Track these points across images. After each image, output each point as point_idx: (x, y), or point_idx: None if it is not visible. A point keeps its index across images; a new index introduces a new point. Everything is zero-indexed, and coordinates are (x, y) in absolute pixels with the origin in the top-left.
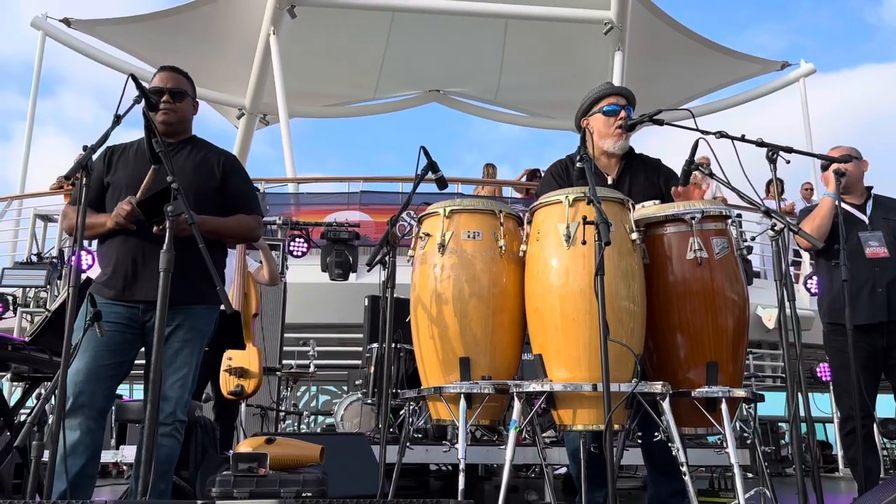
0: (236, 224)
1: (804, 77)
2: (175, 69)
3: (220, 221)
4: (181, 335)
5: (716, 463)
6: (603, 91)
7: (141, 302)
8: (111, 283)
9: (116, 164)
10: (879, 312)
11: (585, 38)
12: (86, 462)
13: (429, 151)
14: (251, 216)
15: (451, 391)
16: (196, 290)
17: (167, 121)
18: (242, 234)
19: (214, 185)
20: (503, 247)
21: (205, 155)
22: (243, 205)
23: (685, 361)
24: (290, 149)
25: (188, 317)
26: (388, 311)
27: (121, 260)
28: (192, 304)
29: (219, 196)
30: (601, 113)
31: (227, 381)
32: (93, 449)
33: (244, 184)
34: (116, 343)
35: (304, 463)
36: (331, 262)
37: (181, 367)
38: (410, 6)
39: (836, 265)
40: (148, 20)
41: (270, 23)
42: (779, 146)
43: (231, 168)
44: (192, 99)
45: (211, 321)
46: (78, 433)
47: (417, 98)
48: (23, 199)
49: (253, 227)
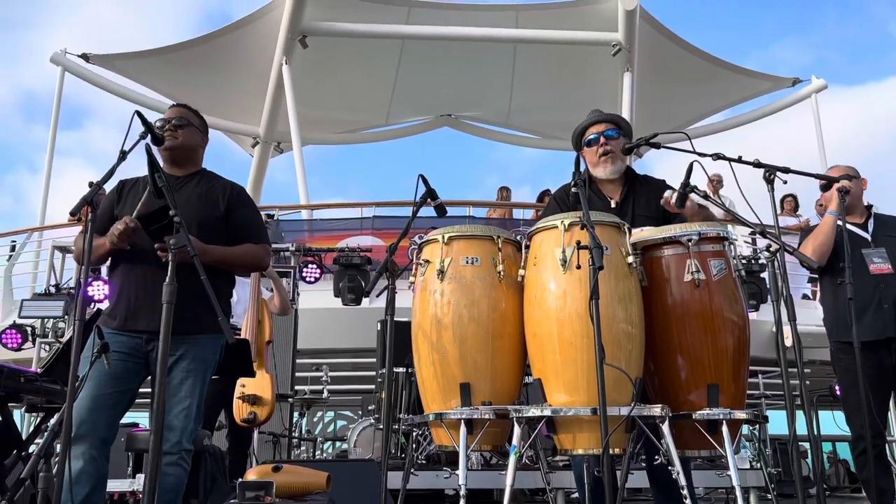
0: (243, 253)
1: (816, 93)
2: (184, 106)
3: (225, 250)
4: (185, 365)
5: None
6: (584, 123)
7: (144, 332)
8: (115, 313)
9: (126, 196)
10: (886, 328)
11: (594, 59)
12: (90, 491)
13: (427, 179)
14: (258, 245)
15: (451, 417)
16: (200, 321)
17: (169, 146)
18: (249, 263)
19: (218, 216)
20: (502, 272)
21: (211, 186)
22: (250, 235)
23: (686, 383)
24: (303, 175)
25: (192, 346)
26: (389, 336)
27: (125, 290)
28: (196, 335)
29: (224, 226)
30: (586, 146)
31: (240, 409)
32: (97, 478)
33: (251, 214)
34: (119, 372)
35: (311, 490)
36: (343, 287)
37: (186, 396)
38: (420, 34)
39: (842, 283)
40: (164, 53)
41: (283, 53)
42: (775, 167)
43: (237, 199)
44: (201, 132)
45: (216, 351)
46: (81, 462)
47: (429, 123)
48: (42, 231)
49: (260, 256)
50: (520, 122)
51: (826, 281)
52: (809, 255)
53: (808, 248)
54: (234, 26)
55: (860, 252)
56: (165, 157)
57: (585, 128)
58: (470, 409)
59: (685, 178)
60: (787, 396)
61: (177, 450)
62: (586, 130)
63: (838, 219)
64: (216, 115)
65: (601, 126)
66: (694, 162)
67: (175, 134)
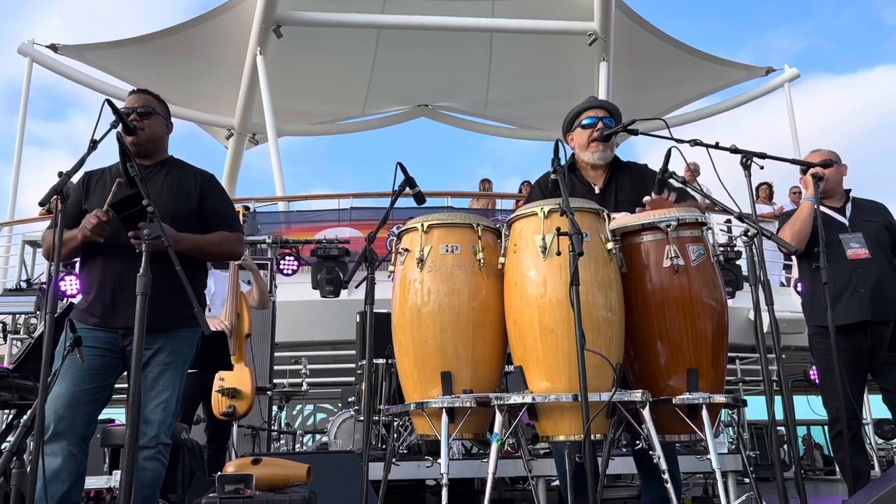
0: (218, 241)
1: (788, 82)
2: (145, 91)
3: (198, 238)
4: (162, 359)
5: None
6: (583, 105)
7: (121, 328)
8: (91, 310)
9: (94, 189)
10: (862, 312)
11: (571, 49)
12: (69, 488)
13: (405, 167)
14: (233, 233)
15: (433, 406)
16: (176, 314)
17: (143, 136)
18: (223, 250)
19: (192, 208)
20: (482, 260)
21: (182, 177)
22: (223, 223)
23: (666, 369)
24: (278, 167)
25: (169, 340)
26: (369, 327)
27: (100, 285)
28: (174, 328)
29: (197, 217)
30: (580, 126)
31: (219, 402)
32: (76, 475)
33: (223, 202)
34: (97, 368)
35: (291, 483)
36: (321, 280)
37: (163, 390)
38: (395, 23)
39: (818, 268)
40: (135, 44)
41: (257, 43)
42: (752, 152)
43: (209, 188)
44: (165, 119)
45: (193, 344)
46: (60, 459)
47: (406, 113)
48: (12, 226)
49: (234, 243)
50: (497, 112)
51: (804, 266)
52: (790, 238)
53: (785, 233)
54: (208, 16)
55: (838, 236)
56: (133, 149)
57: (583, 110)
58: (451, 398)
59: (664, 164)
60: (766, 381)
61: (154, 444)
62: (583, 113)
63: (815, 204)
64: (189, 107)
65: (600, 111)
66: (672, 148)
67: (141, 124)
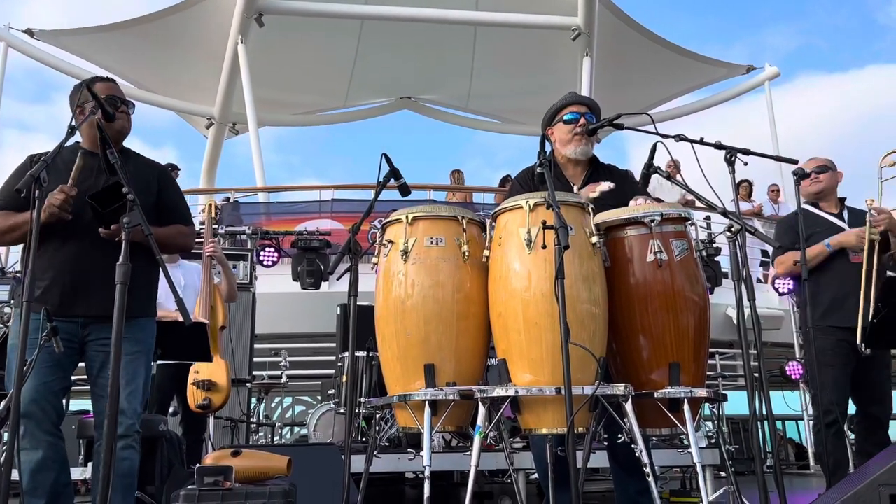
0: (175, 233)
1: (769, 80)
2: (114, 80)
3: (159, 231)
4: (127, 347)
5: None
6: (564, 101)
7: (80, 317)
8: (48, 298)
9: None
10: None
11: (554, 44)
12: (57, 474)
13: (391, 158)
14: (187, 227)
15: (416, 398)
16: (138, 302)
17: (127, 130)
18: (178, 243)
19: (152, 201)
20: (466, 253)
21: (140, 169)
22: (178, 216)
23: (648, 363)
24: (259, 158)
25: (131, 328)
26: (352, 319)
27: (58, 271)
28: (135, 318)
29: (155, 210)
30: (562, 122)
31: (194, 395)
32: (59, 461)
33: (177, 195)
34: (56, 358)
35: (271, 475)
36: (302, 271)
37: (132, 379)
38: (379, 14)
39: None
40: (113, 30)
41: (238, 31)
42: (736, 148)
43: (165, 181)
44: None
45: (153, 333)
46: (41, 451)
47: (389, 105)
48: None
49: (188, 237)
50: (480, 106)
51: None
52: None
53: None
54: (189, 3)
55: None
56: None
57: (564, 105)
58: (434, 391)
59: (649, 158)
60: (748, 376)
61: (130, 432)
62: (564, 108)
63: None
64: (169, 95)
65: (582, 107)
66: (657, 143)
67: (129, 116)
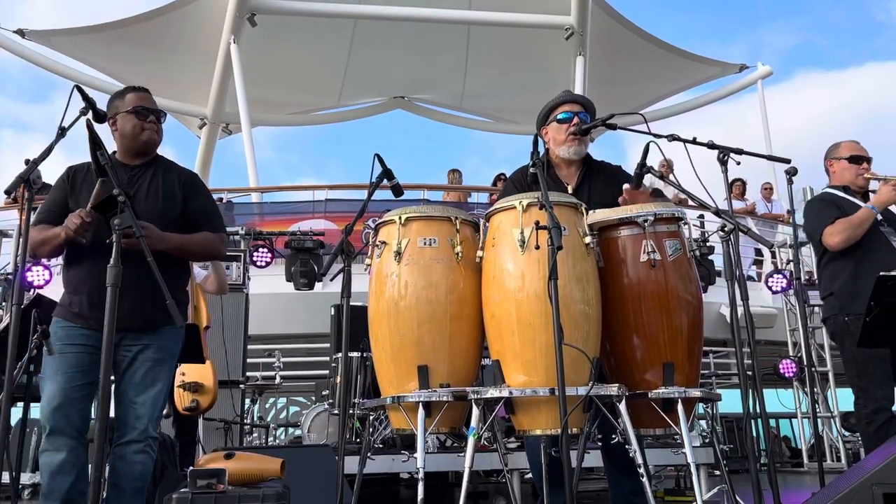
0: (203, 241)
1: (761, 79)
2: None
3: (183, 238)
4: (150, 354)
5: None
6: (558, 100)
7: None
8: (76, 310)
9: (80, 185)
10: None
11: (548, 43)
12: (74, 479)
13: (383, 159)
14: (216, 234)
15: (409, 400)
16: (162, 311)
17: (156, 141)
18: (208, 251)
19: (177, 212)
20: (460, 253)
21: (167, 178)
22: (206, 223)
23: (642, 363)
24: (252, 158)
25: (156, 337)
26: (345, 320)
27: (87, 287)
28: (159, 327)
29: (182, 220)
30: (556, 121)
31: (181, 397)
32: (79, 466)
33: (207, 202)
34: (86, 365)
35: (264, 477)
36: (295, 272)
37: (152, 385)
38: (372, 13)
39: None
40: (105, 30)
41: (231, 31)
42: (729, 148)
43: (192, 188)
44: None
45: (179, 340)
46: (63, 454)
47: (382, 105)
48: None
49: (217, 244)
50: (473, 105)
51: (839, 257)
52: (840, 241)
53: (842, 235)
54: (181, 2)
55: (878, 230)
56: (134, 149)
57: (558, 104)
58: (428, 392)
59: (642, 158)
60: (742, 375)
61: (144, 437)
62: (558, 107)
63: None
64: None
65: (576, 106)
66: (650, 143)
67: (158, 127)
